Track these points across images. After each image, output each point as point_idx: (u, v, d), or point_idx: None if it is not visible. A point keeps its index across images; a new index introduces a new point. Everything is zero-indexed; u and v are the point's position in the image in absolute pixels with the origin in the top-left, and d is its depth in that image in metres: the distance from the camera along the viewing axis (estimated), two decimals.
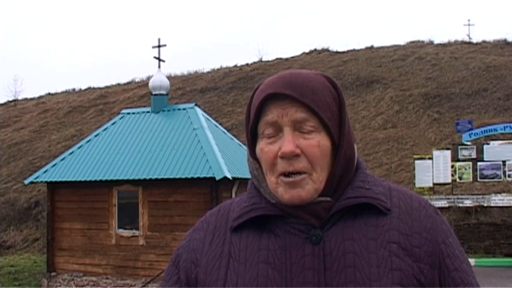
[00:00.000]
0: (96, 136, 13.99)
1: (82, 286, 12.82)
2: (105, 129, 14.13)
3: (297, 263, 1.08)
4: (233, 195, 11.59)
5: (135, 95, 30.73)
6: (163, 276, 1.26)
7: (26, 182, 13.80)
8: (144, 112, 14.40)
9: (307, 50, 34.15)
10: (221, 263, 1.13)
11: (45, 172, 13.30)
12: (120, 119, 14.39)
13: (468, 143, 14.46)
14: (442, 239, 1.14)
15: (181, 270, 1.20)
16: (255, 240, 1.13)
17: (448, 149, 14.84)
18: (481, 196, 14.39)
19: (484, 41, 30.96)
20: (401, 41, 34.37)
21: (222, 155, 11.83)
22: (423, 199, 1.20)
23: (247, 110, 1.20)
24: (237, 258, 1.12)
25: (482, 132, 14.70)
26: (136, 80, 35.05)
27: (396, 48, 31.17)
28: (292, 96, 1.10)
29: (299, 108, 1.10)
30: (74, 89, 36.73)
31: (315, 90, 1.12)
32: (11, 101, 36.45)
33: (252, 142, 1.18)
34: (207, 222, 1.23)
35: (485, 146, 14.18)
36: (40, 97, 36.50)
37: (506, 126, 14.59)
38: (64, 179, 12.85)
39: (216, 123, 14.52)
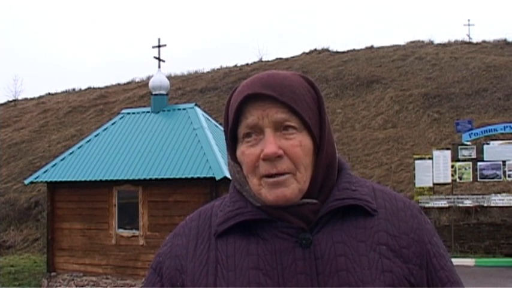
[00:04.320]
0: (96, 136, 13.98)
1: (82, 286, 12.82)
2: (105, 129, 14.13)
3: (289, 268, 1.05)
4: None
5: (135, 95, 30.74)
6: (144, 283, 1.21)
7: (26, 182, 13.79)
8: (144, 112, 14.40)
9: (307, 50, 34.18)
10: (208, 270, 1.10)
11: (45, 172, 13.29)
12: (120, 119, 14.38)
13: (468, 143, 14.46)
14: (428, 239, 1.15)
15: (165, 277, 1.15)
16: (242, 245, 1.10)
17: (448, 149, 14.84)
18: (481, 196, 14.39)
19: (484, 41, 30.97)
20: (402, 41, 34.42)
21: (222, 155, 11.83)
22: (407, 199, 1.20)
23: (225, 113, 1.17)
24: (225, 264, 1.09)
25: (482, 132, 14.70)
26: (137, 80, 35.07)
27: (396, 48, 31.18)
28: (272, 96, 1.08)
29: (279, 109, 1.09)
30: (74, 89, 36.74)
31: (293, 89, 1.11)
32: (11, 101, 36.45)
33: (232, 145, 1.15)
34: (188, 227, 1.19)
35: (485, 146, 14.18)
36: (40, 97, 36.50)
37: (506, 126, 14.59)
38: (64, 179, 12.85)
39: (216, 123, 14.51)
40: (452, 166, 14.34)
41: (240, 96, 1.10)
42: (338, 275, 1.05)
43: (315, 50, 33.84)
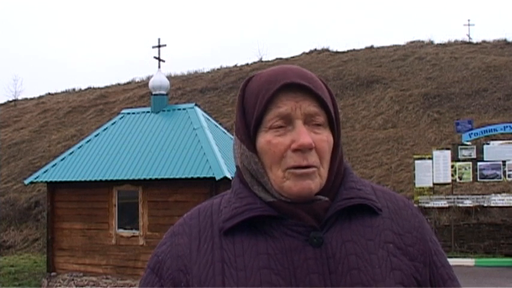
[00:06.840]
0: (96, 136, 13.98)
1: (82, 286, 12.82)
2: (105, 129, 14.13)
3: (301, 267, 1.04)
4: None
5: (135, 95, 30.74)
6: (141, 284, 1.16)
7: (26, 182, 13.78)
8: (144, 112, 14.40)
9: (307, 50, 34.23)
10: (215, 270, 1.06)
11: (45, 172, 13.29)
12: (120, 119, 14.38)
13: (468, 143, 14.46)
14: (429, 237, 1.16)
15: (166, 278, 1.10)
16: (251, 244, 1.07)
17: (448, 149, 14.84)
18: (481, 196, 14.40)
19: (484, 41, 30.99)
20: (402, 41, 34.45)
21: (222, 155, 11.83)
22: (405, 198, 1.21)
23: (240, 102, 1.14)
24: (233, 264, 1.05)
25: (482, 132, 14.71)
26: (137, 80, 35.08)
27: (396, 48, 31.20)
28: (308, 88, 1.08)
29: (312, 102, 1.08)
30: (74, 89, 36.76)
31: (321, 85, 1.13)
32: (11, 101, 36.47)
33: (251, 134, 1.11)
34: (188, 226, 1.14)
35: (485, 146, 14.19)
36: (40, 97, 36.51)
37: (506, 126, 14.60)
38: (64, 179, 12.85)
39: (216, 123, 14.51)
40: (452, 166, 14.35)
41: (276, 85, 1.08)
42: (350, 274, 1.04)
43: (315, 50, 33.87)
